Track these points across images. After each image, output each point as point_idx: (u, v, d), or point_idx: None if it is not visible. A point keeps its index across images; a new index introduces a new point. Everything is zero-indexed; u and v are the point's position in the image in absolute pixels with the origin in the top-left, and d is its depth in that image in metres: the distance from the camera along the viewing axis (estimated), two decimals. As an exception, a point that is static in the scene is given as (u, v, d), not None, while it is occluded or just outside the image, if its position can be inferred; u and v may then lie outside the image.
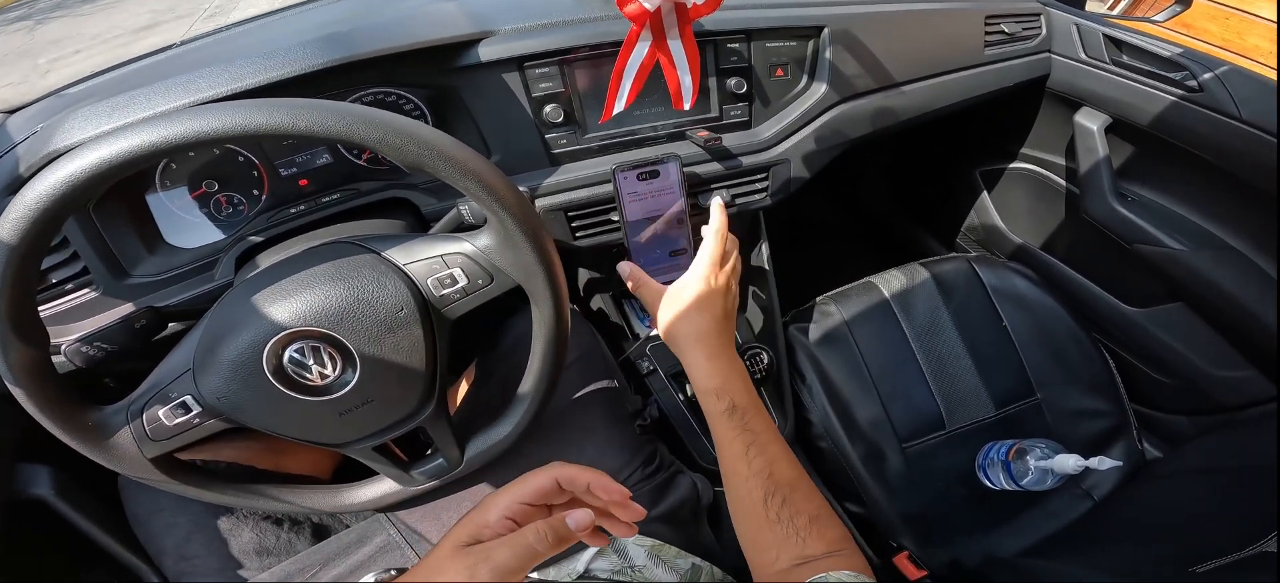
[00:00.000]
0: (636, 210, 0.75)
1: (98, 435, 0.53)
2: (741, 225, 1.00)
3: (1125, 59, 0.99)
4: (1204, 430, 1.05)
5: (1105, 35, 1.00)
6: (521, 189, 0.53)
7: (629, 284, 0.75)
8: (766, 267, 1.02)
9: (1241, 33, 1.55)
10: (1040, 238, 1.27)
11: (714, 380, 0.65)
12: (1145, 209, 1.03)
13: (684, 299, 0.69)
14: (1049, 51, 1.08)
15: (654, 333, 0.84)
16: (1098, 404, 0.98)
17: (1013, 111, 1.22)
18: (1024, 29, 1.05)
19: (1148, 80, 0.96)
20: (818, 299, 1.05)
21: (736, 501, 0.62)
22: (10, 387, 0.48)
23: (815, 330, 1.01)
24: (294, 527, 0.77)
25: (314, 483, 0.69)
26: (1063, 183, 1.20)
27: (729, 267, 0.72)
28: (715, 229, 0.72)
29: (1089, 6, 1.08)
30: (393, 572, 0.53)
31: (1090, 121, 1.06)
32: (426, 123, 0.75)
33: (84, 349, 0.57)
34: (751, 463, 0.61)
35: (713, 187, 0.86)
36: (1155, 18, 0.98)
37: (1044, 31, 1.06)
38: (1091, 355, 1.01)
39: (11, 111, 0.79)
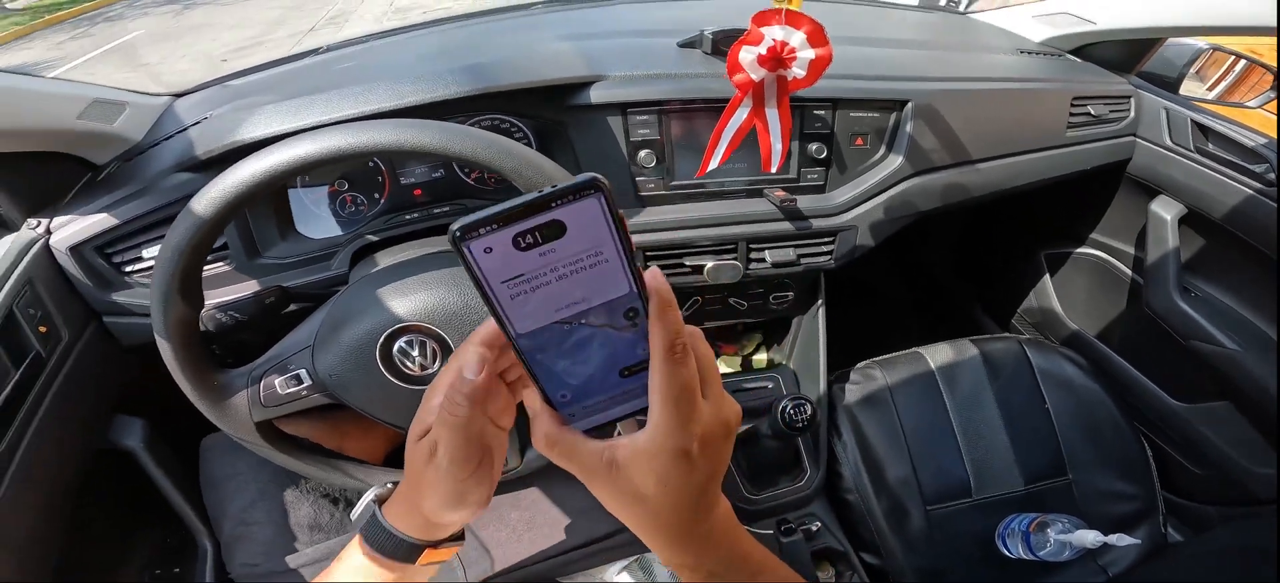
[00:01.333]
0: (536, 313, 0.28)
1: (219, 395, 0.56)
2: (801, 283, 0.99)
3: (1210, 147, 0.94)
4: (1231, 519, 1.01)
5: (1194, 121, 0.95)
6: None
7: (550, 453, 0.33)
8: (820, 327, 1.01)
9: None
10: (1097, 326, 1.22)
11: (686, 557, 0.37)
12: (1206, 306, 0.98)
13: (640, 474, 0.32)
14: (1134, 135, 1.02)
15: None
16: (1128, 488, 0.95)
17: (1088, 194, 1.17)
18: (1111, 111, 1.00)
19: (1228, 170, 0.91)
20: (865, 363, 1.04)
21: None
22: (159, 339, 0.52)
23: (858, 392, 1.00)
24: (347, 507, 0.80)
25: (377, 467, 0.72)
26: (1128, 272, 1.14)
27: (713, 398, 0.32)
28: (665, 347, 0.29)
29: (1184, 89, 1.02)
30: (390, 485, 0.43)
31: (1165, 211, 1.01)
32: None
33: (218, 316, 0.62)
34: None
35: (778, 245, 0.85)
36: (1248, 103, 0.94)
37: (1131, 115, 1.01)
38: (1130, 443, 0.97)
39: (179, 95, 0.87)
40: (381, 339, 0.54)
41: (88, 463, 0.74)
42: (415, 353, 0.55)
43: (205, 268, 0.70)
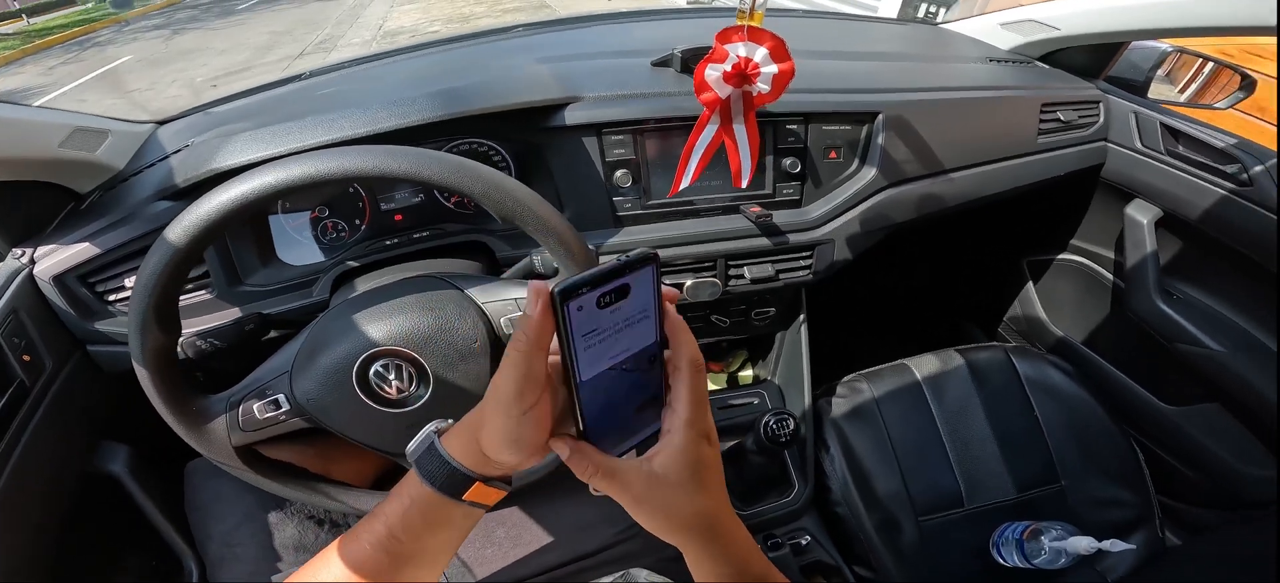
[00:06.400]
0: (596, 361, 0.35)
1: (198, 420, 0.57)
2: (783, 299, 1.01)
3: (1181, 150, 0.95)
4: (1230, 523, 1.00)
5: (1163, 124, 0.96)
6: (589, 247, 0.56)
7: (592, 481, 0.38)
8: (803, 341, 1.02)
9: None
10: (1082, 332, 1.23)
11: (716, 547, 0.41)
12: (1189, 308, 0.99)
13: (677, 469, 0.38)
14: (1105, 140, 1.04)
15: None
16: (1122, 494, 0.95)
17: (1065, 201, 1.19)
18: (1080, 117, 1.02)
19: (1200, 172, 0.92)
20: (851, 376, 1.05)
21: None
22: (137, 367, 0.53)
23: (844, 405, 1.01)
24: (334, 528, 0.80)
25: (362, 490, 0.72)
26: (1110, 277, 1.16)
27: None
28: (690, 361, 0.37)
29: (1152, 93, 1.03)
30: (449, 421, 0.43)
31: (1141, 215, 1.02)
32: (510, 174, 0.79)
33: (199, 343, 0.62)
34: None
35: (756, 261, 0.86)
36: (1217, 104, 0.94)
37: (1101, 120, 1.03)
38: (1121, 448, 0.97)
39: (162, 123, 0.88)
40: (358, 363, 0.55)
41: (75, 490, 0.74)
42: (392, 377, 0.56)
43: (186, 296, 0.72)
